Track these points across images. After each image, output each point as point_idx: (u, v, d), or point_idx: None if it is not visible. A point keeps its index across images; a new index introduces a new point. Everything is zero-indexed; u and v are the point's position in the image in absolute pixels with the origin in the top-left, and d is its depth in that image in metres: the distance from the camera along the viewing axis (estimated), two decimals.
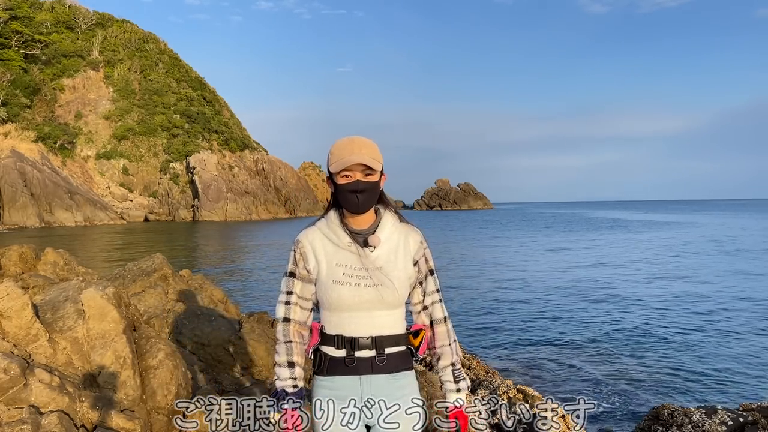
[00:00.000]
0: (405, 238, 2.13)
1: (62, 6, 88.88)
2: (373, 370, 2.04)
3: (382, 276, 2.04)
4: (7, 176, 59.99)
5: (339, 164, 2.00)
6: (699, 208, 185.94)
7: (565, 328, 12.79)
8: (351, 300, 2.02)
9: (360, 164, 2.00)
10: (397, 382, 2.08)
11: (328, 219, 2.13)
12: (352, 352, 2.03)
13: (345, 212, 2.11)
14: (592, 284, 19.49)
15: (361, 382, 2.04)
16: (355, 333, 2.04)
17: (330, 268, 2.05)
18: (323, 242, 2.09)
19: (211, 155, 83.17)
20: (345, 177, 2.02)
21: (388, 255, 2.08)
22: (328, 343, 2.07)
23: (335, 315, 2.06)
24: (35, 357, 3.15)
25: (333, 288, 2.03)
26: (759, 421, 5.44)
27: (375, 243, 2.06)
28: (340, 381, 2.05)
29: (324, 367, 2.08)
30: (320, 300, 2.10)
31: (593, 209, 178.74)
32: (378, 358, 2.04)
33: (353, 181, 2.01)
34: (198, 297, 5.59)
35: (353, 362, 2.04)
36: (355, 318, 2.04)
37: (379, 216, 2.13)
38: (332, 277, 2.04)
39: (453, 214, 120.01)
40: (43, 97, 77.12)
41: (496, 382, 7.24)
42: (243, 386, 4.37)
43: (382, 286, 2.03)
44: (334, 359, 2.06)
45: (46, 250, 5.84)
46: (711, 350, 10.81)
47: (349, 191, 2.02)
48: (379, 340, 2.04)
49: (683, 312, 14.44)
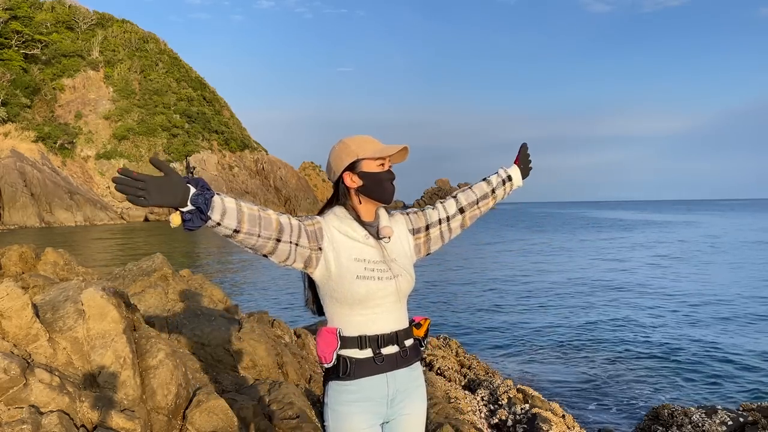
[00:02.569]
0: (395, 221, 2.16)
1: (62, 6, 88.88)
2: (398, 365, 2.04)
3: (398, 267, 2.04)
4: (7, 176, 59.98)
5: (379, 151, 2.02)
6: (700, 208, 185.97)
7: (565, 328, 12.79)
8: (377, 294, 1.97)
9: (400, 152, 2.05)
10: (413, 373, 2.11)
11: (335, 214, 2.05)
12: (379, 350, 1.99)
13: (353, 206, 2.06)
14: (592, 284, 19.49)
15: (387, 379, 2.02)
16: (379, 330, 2.01)
17: (349, 263, 1.96)
18: (339, 235, 2.01)
19: (211, 155, 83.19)
20: (381, 165, 2.03)
21: (397, 244, 2.09)
22: (350, 345, 1.99)
23: (356, 313, 1.98)
24: (35, 357, 3.15)
25: (359, 284, 1.95)
26: (759, 421, 5.44)
27: (388, 234, 2.05)
28: (367, 382, 1.99)
29: (351, 371, 1.97)
30: (339, 297, 1.98)
31: (594, 209, 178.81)
32: (401, 352, 2.04)
33: (388, 170, 2.05)
34: (198, 297, 5.59)
35: (382, 360, 2.00)
36: (379, 314, 2.01)
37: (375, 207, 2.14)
38: (356, 273, 1.96)
39: None
40: (43, 97, 77.12)
41: (496, 382, 7.24)
42: (243, 386, 4.37)
43: (401, 277, 2.03)
44: (360, 361, 1.98)
45: (46, 250, 5.84)
46: (711, 350, 10.80)
47: (388, 179, 2.04)
48: (399, 334, 2.04)
49: (683, 312, 14.44)
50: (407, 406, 2.09)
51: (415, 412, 2.11)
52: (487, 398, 6.76)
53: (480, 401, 6.74)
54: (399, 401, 2.07)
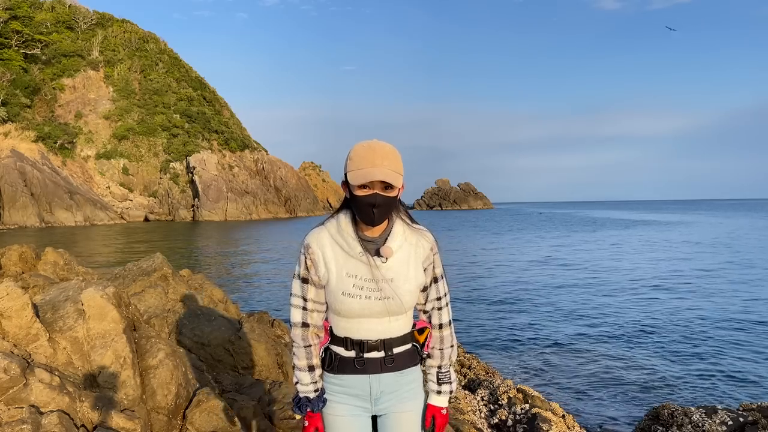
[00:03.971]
0: (416, 245, 2.08)
1: (62, 6, 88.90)
2: (382, 370, 2.06)
3: (391, 289, 2.01)
4: (7, 176, 60.00)
5: (358, 176, 1.91)
6: (701, 208, 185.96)
7: (566, 327, 12.79)
8: (360, 312, 2.01)
9: (381, 181, 1.91)
10: (404, 378, 2.11)
11: (339, 223, 2.05)
12: (362, 354, 2.04)
13: (355, 215, 2.04)
14: (592, 284, 19.49)
15: (371, 380, 2.07)
16: (364, 337, 2.04)
17: (339, 278, 2.01)
18: (333, 248, 2.03)
19: (211, 155, 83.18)
20: (363, 188, 1.93)
21: (399, 266, 2.04)
22: (338, 343, 2.08)
23: (343, 320, 2.06)
24: (35, 357, 3.16)
25: (342, 300, 2.01)
26: (759, 421, 5.43)
27: (387, 254, 2.01)
28: (349, 379, 2.08)
29: (335, 365, 2.09)
30: (329, 305, 2.09)
31: (594, 209, 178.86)
32: (387, 359, 2.06)
33: (371, 194, 1.93)
34: (198, 297, 5.59)
35: (363, 363, 2.05)
36: (364, 324, 2.04)
37: (390, 223, 2.06)
38: (342, 289, 2.00)
39: (453, 214, 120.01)
40: (43, 96, 77.14)
41: (496, 382, 7.24)
42: (243, 386, 4.37)
43: (391, 300, 2.01)
44: (344, 359, 2.07)
45: (46, 250, 5.84)
46: (711, 350, 10.80)
47: (367, 204, 1.94)
48: (387, 342, 2.06)
49: (683, 312, 14.44)
50: (397, 405, 2.11)
51: (407, 409, 2.12)
52: (487, 398, 6.76)
53: (480, 401, 6.74)
54: (386, 400, 2.10)
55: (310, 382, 2.09)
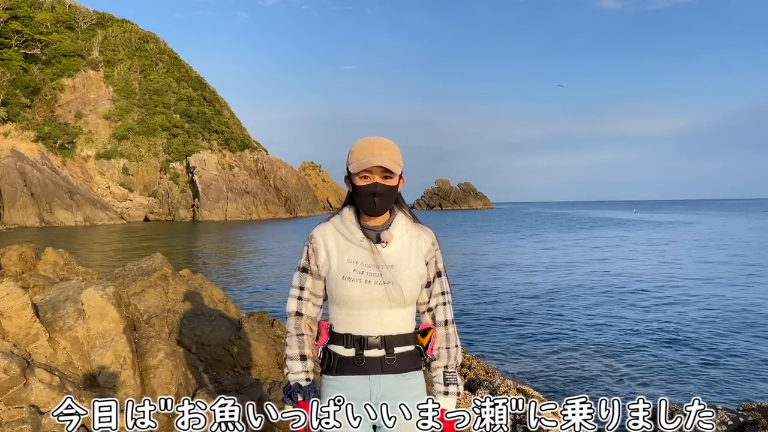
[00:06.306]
0: (417, 238, 2.13)
1: (62, 6, 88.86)
2: (382, 370, 2.04)
3: (392, 274, 2.03)
4: (7, 176, 59.99)
5: (358, 165, 2.00)
6: (701, 208, 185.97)
7: (565, 327, 12.79)
8: (360, 297, 2.01)
9: (379, 167, 2.00)
10: (407, 382, 2.08)
11: (342, 215, 2.13)
12: (361, 351, 2.03)
13: (357, 207, 2.11)
14: (591, 284, 19.49)
15: (371, 382, 2.04)
16: (364, 332, 2.03)
17: (341, 264, 2.05)
18: (336, 237, 2.10)
19: (211, 155, 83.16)
20: (364, 178, 2.02)
21: (400, 253, 2.08)
22: (337, 341, 2.07)
23: (344, 312, 2.06)
24: (35, 357, 3.15)
25: (342, 284, 2.03)
26: (759, 421, 5.44)
27: (387, 239, 2.06)
28: (349, 381, 2.05)
29: (333, 366, 2.07)
30: (330, 296, 2.10)
31: (595, 209, 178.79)
32: (387, 358, 2.04)
33: (371, 183, 2.01)
34: (198, 297, 5.59)
35: (362, 362, 2.03)
36: (364, 316, 2.03)
37: (393, 215, 2.13)
38: (342, 273, 2.04)
39: (453, 214, 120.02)
40: (43, 96, 77.10)
41: (496, 382, 7.24)
42: (243, 386, 4.37)
43: (392, 284, 2.02)
44: (343, 358, 2.05)
45: (46, 250, 5.85)
46: (711, 350, 10.80)
47: (367, 193, 2.02)
48: (388, 340, 2.04)
49: (683, 311, 14.43)
50: (399, 417, 2.01)
51: (409, 425, 2.02)
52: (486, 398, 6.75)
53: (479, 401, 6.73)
54: (386, 409, 2.02)
55: (302, 370, 2.09)
